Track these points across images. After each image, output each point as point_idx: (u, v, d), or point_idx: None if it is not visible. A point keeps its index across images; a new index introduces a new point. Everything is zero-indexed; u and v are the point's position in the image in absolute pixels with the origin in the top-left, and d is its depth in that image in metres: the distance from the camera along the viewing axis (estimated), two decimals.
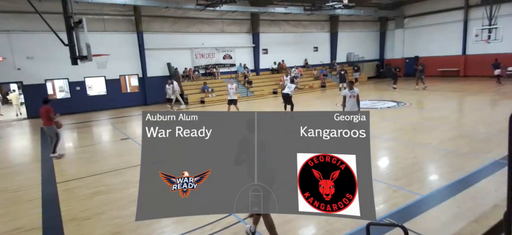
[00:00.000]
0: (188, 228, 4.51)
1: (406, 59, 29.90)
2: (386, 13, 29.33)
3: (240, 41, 23.88)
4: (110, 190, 6.31)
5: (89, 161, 8.70)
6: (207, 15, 21.67)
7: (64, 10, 9.01)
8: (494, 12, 20.53)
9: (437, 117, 11.57)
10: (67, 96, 19.25)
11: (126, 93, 20.97)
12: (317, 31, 27.71)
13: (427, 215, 4.62)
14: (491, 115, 11.89)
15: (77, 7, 15.58)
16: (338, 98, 18.39)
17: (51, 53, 16.26)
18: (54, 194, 6.25)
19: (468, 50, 25.51)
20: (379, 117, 12.33)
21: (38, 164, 8.37)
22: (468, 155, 7.25)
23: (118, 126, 13.90)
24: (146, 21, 19.98)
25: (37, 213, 5.41)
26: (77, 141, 11.96)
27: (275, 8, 23.29)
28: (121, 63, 19.37)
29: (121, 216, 5.08)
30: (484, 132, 9.60)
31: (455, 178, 5.89)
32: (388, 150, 8.37)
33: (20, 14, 16.10)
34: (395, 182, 5.88)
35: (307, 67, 26.48)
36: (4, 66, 16.31)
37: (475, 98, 14.99)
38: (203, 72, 22.32)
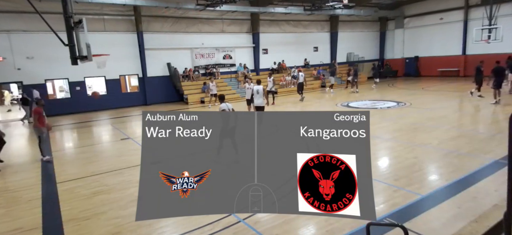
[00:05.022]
0: (188, 228, 4.51)
1: (406, 59, 29.94)
2: (386, 13, 29.34)
3: (240, 41, 23.89)
4: (110, 190, 6.31)
5: (89, 161, 8.70)
6: (207, 15, 21.68)
7: (64, 10, 9.02)
8: (494, 12, 20.53)
9: (437, 117, 11.57)
10: (67, 96, 19.25)
11: (126, 93, 20.98)
12: (317, 31, 27.72)
13: (427, 215, 4.62)
14: (491, 115, 11.89)
15: (77, 7, 15.60)
16: (338, 98, 18.43)
17: (51, 53, 16.27)
18: (54, 194, 6.25)
19: (468, 50, 25.53)
20: (379, 117, 12.33)
21: (38, 164, 8.37)
22: (468, 155, 7.25)
23: (118, 126, 13.90)
24: (146, 21, 19.98)
25: (37, 213, 5.41)
26: (77, 141, 11.96)
27: (275, 8, 23.31)
28: (121, 63, 19.38)
29: (121, 216, 5.08)
30: (484, 132, 9.61)
31: (455, 178, 5.89)
32: (388, 150, 8.37)
33: (20, 14, 16.10)
34: (395, 182, 5.88)
35: (307, 67, 26.48)
36: (4, 66, 16.31)
37: (475, 98, 14.98)
38: (203, 72, 22.32)
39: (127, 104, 20.00)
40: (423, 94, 18.10)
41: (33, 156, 9.48)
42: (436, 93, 18.52)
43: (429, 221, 4.45)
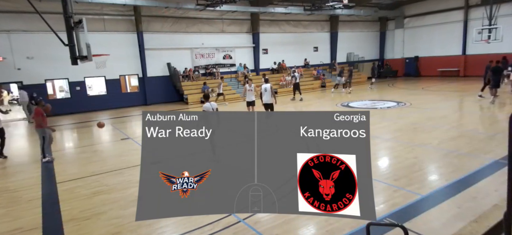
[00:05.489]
0: (188, 228, 4.51)
1: (406, 59, 29.93)
2: (386, 13, 29.34)
3: (240, 41, 23.89)
4: (110, 190, 6.31)
5: (89, 160, 8.69)
6: (207, 15, 21.68)
7: (64, 10, 9.01)
8: (494, 12, 20.53)
9: (437, 117, 11.56)
10: (67, 96, 19.25)
11: (126, 93, 20.97)
12: (317, 31, 27.71)
13: (427, 215, 4.62)
14: (491, 115, 11.90)
15: (77, 7, 15.60)
16: (338, 98, 18.43)
17: (51, 53, 16.27)
18: (54, 194, 6.25)
19: (468, 50, 25.53)
20: (379, 117, 12.33)
21: (38, 164, 8.37)
22: (468, 155, 7.25)
23: (118, 126, 13.90)
24: (146, 21, 19.98)
25: (37, 213, 5.41)
26: (77, 141, 11.96)
27: (275, 8, 23.30)
28: (121, 63, 19.38)
29: (121, 216, 5.08)
30: (484, 132, 9.61)
31: (455, 178, 5.89)
32: (388, 150, 8.37)
33: (20, 14, 16.10)
34: (395, 182, 5.88)
35: (307, 67, 26.48)
36: (4, 66, 16.31)
37: (475, 98, 14.99)
38: (203, 72, 22.32)
39: (127, 104, 20.00)
40: (423, 94, 18.10)
41: (33, 156, 9.48)
42: (436, 93, 18.52)
43: (429, 221, 4.45)
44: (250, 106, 12.30)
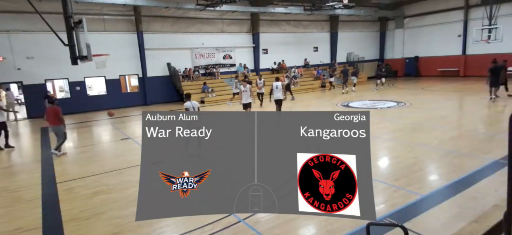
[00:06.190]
0: (188, 228, 4.51)
1: (406, 59, 29.94)
2: (386, 13, 29.34)
3: (240, 41, 23.89)
4: (110, 190, 6.31)
5: (89, 161, 8.70)
6: (207, 15, 21.68)
7: (64, 10, 9.02)
8: (494, 12, 20.53)
9: (437, 117, 11.57)
10: (67, 96, 19.26)
11: (126, 93, 20.98)
12: (317, 31, 27.72)
13: (427, 215, 4.62)
14: (491, 115, 11.90)
15: (77, 7, 15.60)
16: (338, 98, 18.43)
17: (51, 53, 16.28)
18: (54, 194, 6.25)
19: (468, 50, 25.54)
20: (379, 117, 12.34)
21: (38, 164, 8.37)
22: (468, 155, 7.25)
23: (118, 126, 13.90)
24: (146, 21, 19.99)
25: (37, 213, 5.41)
26: (77, 141, 11.95)
27: (275, 8, 23.30)
28: (121, 63, 19.39)
29: (121, 216, 5.08)
30: (484, 132, 9.61)
31: (455, 178, 5.89)
32: (388, 150, 8.37)
33: (20, 14, 16.11)
34: (395, 182, 5.88)
35: (307, 67, 26.48)
36: (4, 66, 16.32)
37: (475, 98, 14.99)
38: (203, 72, 22.33)
39: (127, 104, 20.00)
40: (423, 94, 18.10)
41: (33, 156, 9.49)
42: (436, 93, 18.52)
43: (429, 221, 4.46)
44: (248, 108, 12.13)
